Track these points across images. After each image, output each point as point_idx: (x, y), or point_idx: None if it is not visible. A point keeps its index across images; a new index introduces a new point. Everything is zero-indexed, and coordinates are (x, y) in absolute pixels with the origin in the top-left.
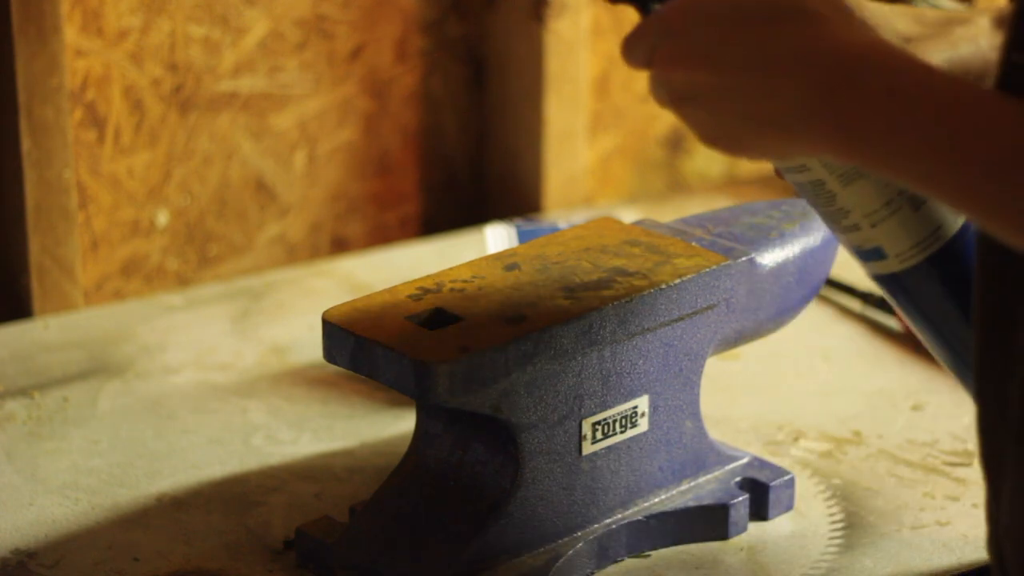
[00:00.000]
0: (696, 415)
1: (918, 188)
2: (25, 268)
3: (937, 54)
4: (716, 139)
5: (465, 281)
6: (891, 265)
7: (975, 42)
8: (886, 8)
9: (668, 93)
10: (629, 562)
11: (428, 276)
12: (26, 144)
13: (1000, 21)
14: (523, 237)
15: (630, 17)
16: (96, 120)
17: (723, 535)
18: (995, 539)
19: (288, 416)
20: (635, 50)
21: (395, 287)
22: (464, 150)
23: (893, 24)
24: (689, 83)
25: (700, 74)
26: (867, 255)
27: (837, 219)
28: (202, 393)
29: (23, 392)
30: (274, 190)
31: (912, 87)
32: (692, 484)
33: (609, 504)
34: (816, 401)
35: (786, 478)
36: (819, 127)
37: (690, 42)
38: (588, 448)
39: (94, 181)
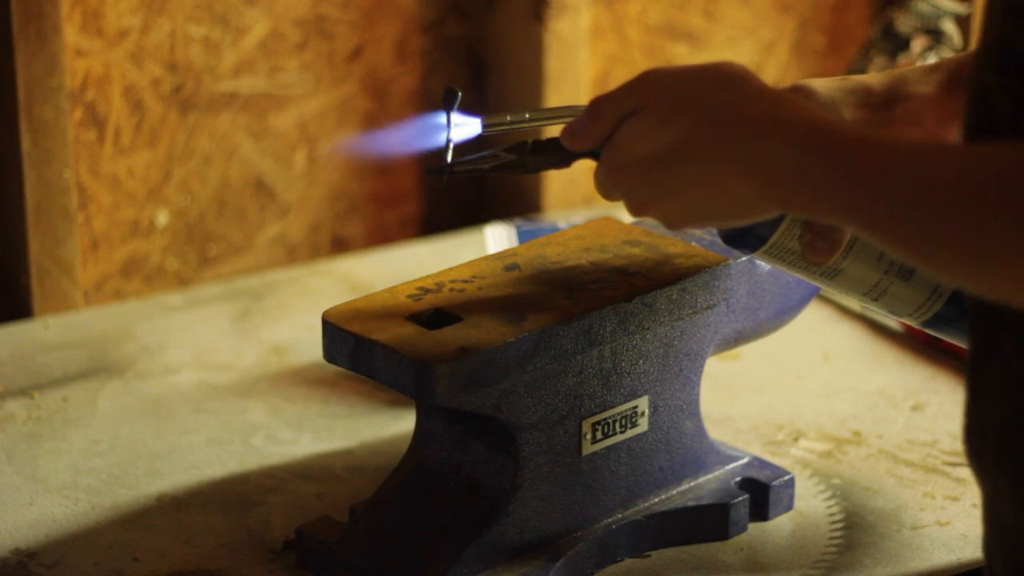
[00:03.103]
0: (696, 415)
1: (860, 233)
2: (25, 268)
3: None
4: (723, 224)
5: (465, 281)
6: (911, 320)
7: (918, 118)
8: (835, 95)
9: (661, 223)
10: (629, 562)
11: (428, 276)
12: (26, 144)
13: (957, 70)
14: (523, 237)
15: (630, 17)
16: (96, 120)
17: (723, 535)
18: (986, 542)
19: (288, 416)
20: (607, 195)
21: (395, 287)
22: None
23: (840, 111)
24: (666, 215)
25: (666, 207)
26: (890, 315)
27: (852, 298)
28: (202, 393)
29: (23, 392)
30: (274, 190)
31: (819, 139)
32: (692, 484)
33: (609, 504)
34: (816, 401)
35: (786, 478)
36: (772, 200)
37: (639, 192)
38: (588, 448)
39: (94, 181)
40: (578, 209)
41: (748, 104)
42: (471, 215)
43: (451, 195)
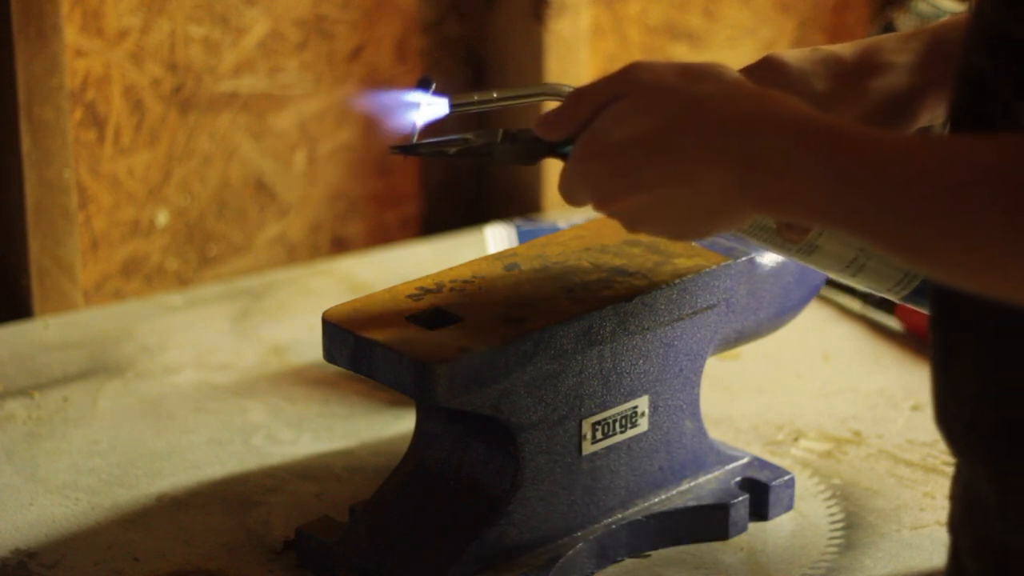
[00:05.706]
0: (696, 415)
1: (841, 232)
2: (25, 268)
3: (850, 110)
4: (682, 236)
5: (465, 281)
6: (892, 295)
7: (891, 91)
8: (806, 67)
9: (622, 222)
10: (629, 562)
11: (428, 276)
12: (26, 144)
13: (936, 39)
14: (523, 237)
15: (630, 17)
16: (96, 120)
17: (723, 535)
18: (953, 518)
19: (288, 416)
20: (572, 197)
21: (395, 287)
22: None
23: (811, 83)
24: (630, 211)
25: (633, 201)
26: (871, 290)
27: (831, 274)
28: (202, 393)
29: (23, 392)
30: (274, 190)
31: (811, 131)
32: (692, 484)
33: (609, 504)
34: (816, 401)
35: (786, 478)
36: (749, 199)
37: (608, 182)
38: (588, 448)
39: (94, 181)
40: (578, 209)
41: (736, 97)
42: (471, 215)
43: (451, 195)
